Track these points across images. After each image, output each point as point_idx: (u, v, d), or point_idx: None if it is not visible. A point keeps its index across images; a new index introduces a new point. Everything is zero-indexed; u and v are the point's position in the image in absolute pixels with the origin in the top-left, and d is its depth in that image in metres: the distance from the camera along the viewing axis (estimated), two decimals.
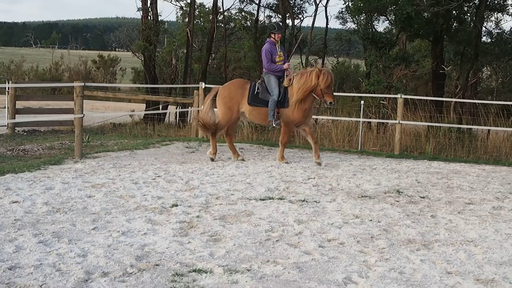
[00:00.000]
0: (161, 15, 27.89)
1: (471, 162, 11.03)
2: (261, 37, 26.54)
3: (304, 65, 26.11)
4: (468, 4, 21.22)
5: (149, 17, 23.13)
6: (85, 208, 5.83)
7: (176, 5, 28.29)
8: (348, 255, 4.63)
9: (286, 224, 5.51)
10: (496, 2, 22.44)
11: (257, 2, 27.57)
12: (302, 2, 29.00)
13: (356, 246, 4.90)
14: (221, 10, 27.87)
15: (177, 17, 33.04)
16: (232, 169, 8.62)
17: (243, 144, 12.04)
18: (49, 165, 8.42)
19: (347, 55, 44.56)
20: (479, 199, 7.11)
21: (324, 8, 36.81)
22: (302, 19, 29.55)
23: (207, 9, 30.91)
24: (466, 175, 9.03)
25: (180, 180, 7.54)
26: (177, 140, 12.42)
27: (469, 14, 22.67)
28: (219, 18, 28.21)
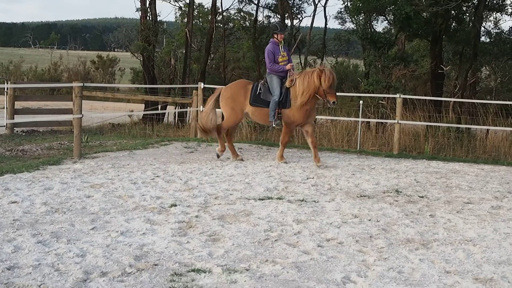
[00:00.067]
0: (160, 16, 27.80)
1: (470, 161, 11.03)
2: (260, 37, 26.55)
3: (303, 65, 26.10)
4: (467, 4, 21.26)
5: (148, 18, 23.13)
6: (84, 208, 5.83)
7: (175, 6, 28.26)
8: (347, 255, 4.63)
9: (285, 223, 5.50)
10: (495, 2, 22.48)
11: (256, 2, 27.56)
12: (301, 2, 29.07)
13: (355, 245, 4.90)
14: (220, 10, 27.90)
15: (176, 17, 33.01)
16: (231, 169, 8.62)
17: (242, 144, 12.04)
18: (48, 165, 8.40)
19: (346, 55, 44.65)
20: (478, 198, 7.11)
21: (323, 8, 36.68)
22: (301, 19, 29.59)
23: (206, 9, 30.92)
24: (465, 175, 9.03)
25: (179, 180, 7.54)
26: (176, 140, 12.41)
27: (468, 14, 22.70)
28: (218, 18, 28.23)
